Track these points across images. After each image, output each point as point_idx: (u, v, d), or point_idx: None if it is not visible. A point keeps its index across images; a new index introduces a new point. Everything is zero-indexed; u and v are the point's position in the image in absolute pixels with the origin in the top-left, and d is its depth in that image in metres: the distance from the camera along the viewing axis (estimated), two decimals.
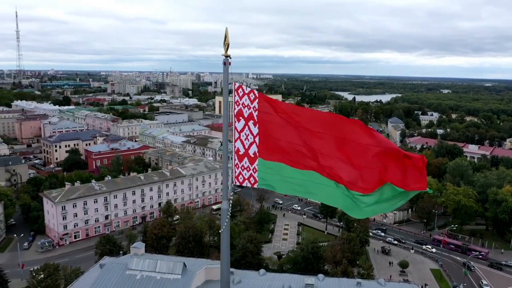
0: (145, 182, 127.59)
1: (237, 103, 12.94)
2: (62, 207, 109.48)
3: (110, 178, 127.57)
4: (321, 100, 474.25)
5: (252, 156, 12.96)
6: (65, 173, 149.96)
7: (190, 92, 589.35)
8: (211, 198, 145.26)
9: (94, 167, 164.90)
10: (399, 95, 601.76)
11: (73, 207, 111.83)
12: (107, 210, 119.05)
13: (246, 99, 12.86)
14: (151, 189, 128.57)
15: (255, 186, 12.90)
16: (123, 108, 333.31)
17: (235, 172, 13.12)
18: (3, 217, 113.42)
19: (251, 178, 13.03)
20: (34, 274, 71.67)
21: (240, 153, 13.01)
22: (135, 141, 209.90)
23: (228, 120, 12.77)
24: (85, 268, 75.13)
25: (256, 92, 12.80)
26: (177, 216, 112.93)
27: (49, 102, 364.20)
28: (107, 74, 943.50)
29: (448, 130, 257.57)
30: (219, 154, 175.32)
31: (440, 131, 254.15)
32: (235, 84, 12.86)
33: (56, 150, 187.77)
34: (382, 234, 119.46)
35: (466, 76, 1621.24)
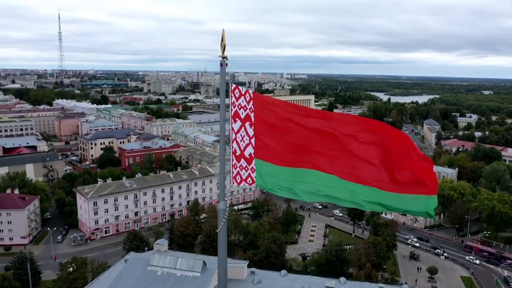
0: (174, 180, 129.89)
1: (234, 105, 13.00)
2: (93, 202, 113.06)
3: (140, 175, 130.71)
4: (355, 100, 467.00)
5: (248, 157, 13.05)
6: (98, 169, 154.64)
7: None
8: (239, 197, 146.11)
9: (127, 165, 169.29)
10: (437, 96, 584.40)
11: (104, 203, 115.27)
12: (136, 206, 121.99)
13: (242, 100, 12.88)
14: (180, 187, 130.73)
15: (254, 185, 13.09)
16: (157, 107, 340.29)
17: (233, 172, 13.21)
18: (39, 211, 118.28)
19: (249, 179, 13.11)
20: (63, 267, 74.41)
21: (237, 154, 13.10)
22: (168, 139, 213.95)
23: (225, 121, 12.89)
24: (112, 262, 77.32)
25: (251, 92, 12.88)
26: (204, 215, 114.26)
27: (88, 101, 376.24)
28: (145, 74, 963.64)
29: (487, 132, 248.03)
30: None
31: (478, 134, 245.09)
32: (231, 85, 12.93)
33: (91, 148, 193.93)
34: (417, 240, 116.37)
35: (510, 76, 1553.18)
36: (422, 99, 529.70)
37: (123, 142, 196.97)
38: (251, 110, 12.72)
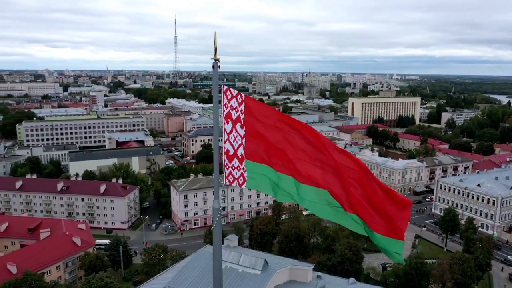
0: None
1: (226, 106, 13.55)
2: (184, 195, 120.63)
3: None
4: (469, 103, 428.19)
5: (240, 157, 13.60)
6: (194, 165, 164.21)
7: (327, 93, 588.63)
8: None
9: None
10: None
11: (194, 196, 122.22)
12: (224, 202, 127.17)
13: (234, 102, 13.35)
14: None
15: (243, 186, 13.59)
16: None
17: (225, 172, 13.85)
18: (138, 200, 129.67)
19: (241, 178, 13.67)
20: (146, 252, 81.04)
21: (230, 153, 13.68)
22: None
23: (219, 121, 13.54)
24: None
25: (242, 95, 13.40)
26: (285, 215, 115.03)
27: (196, 100, 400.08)
28: (253, 74, 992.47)
29: None
30: None
31: None
32: (223, 87, 13.53)
33: (192, 144, 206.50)
34: None
35: None
36: None
37: (221, 140, 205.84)
38: (241, 112, 13.11)
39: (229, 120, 12.87)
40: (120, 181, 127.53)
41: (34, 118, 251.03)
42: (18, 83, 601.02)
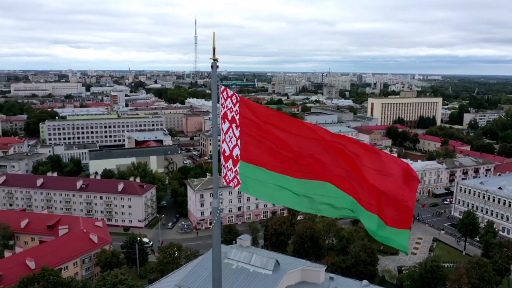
0: None
1: (223, 106, 13.65)
2: (200, 195, 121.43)
3: None
4: (493, 104, 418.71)
5: (235, 158, 13.63)
6: (210, 165, 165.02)
7: (347, 93, 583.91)
8: None
9: None
10: None
11: (210, 196, 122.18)
12: (240, 202, 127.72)
13: (229, 102, 13.40)
14: None
15: (237, 188, 13.65)
16: (277, 107, 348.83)
17: (223, 172, 14.02)
18: (156, 198, 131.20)
19: (235, 180, 13.75)
20: (160, 250, 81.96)
21: (226, 154, 13.74)
22: None
23: (217, 121, 13.68)
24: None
25: (237, 95, 13.49)
26: (300, 216, 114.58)
27: None
28: (273, 74, 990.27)
29: None
30: None
31: None
32: (220, 87, 13.63)
33: (210, 144, 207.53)
34: None
35: None
36: None
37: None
38: (236, 112, 13.15)
39: (225, 120, 12.87)
40: (138, 180, 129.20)
41: (57, 118, 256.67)
42: (43, 83, 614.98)
